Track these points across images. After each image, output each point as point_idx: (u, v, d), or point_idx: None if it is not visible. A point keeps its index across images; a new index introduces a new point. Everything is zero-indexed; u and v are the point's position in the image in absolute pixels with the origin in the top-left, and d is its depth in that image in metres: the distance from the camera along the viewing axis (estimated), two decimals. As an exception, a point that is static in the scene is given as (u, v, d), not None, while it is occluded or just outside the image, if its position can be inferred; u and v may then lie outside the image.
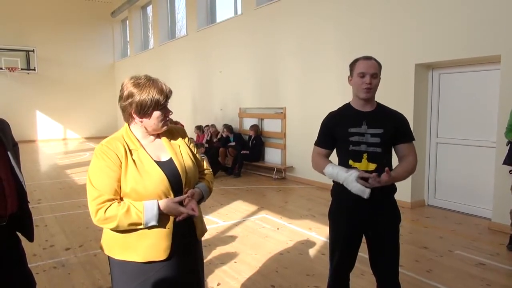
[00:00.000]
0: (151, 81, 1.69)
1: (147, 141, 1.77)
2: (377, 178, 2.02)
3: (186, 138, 1.91)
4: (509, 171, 4.07)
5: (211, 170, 2.02)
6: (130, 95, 1.68)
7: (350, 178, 2.06)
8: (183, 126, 7.62)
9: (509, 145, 4.12)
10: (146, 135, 1.77)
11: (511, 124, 4.04)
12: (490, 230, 4.69)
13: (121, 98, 1.71)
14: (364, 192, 2.03)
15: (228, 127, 9.11)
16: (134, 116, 1.70)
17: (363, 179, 2.04)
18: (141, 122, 1.72)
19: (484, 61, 4.99)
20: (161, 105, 1.69)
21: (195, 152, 1.92)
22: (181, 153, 1.81)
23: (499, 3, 4.59)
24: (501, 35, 4.59)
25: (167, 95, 1.71)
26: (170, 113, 1.77)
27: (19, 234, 2.06)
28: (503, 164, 4.18)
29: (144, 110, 1.67)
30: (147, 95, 1.66)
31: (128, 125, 1.77)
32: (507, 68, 4.58)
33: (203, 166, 1.97)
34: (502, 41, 4.59)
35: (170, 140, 1.83)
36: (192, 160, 1.83)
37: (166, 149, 1.79)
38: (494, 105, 4.84)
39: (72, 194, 6.86)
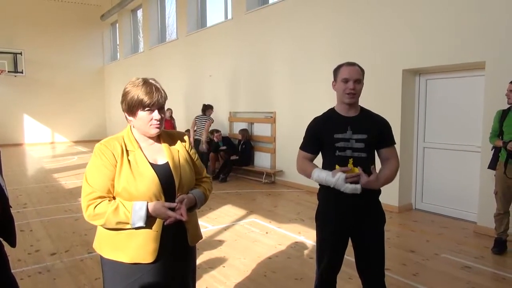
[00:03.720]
0: (143, 82, 1.73)
1: (146, 144, 1.80)
2: (364, 176, 2.08)
3: (187, 144, 1.92)
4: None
5: (210, 177, 2.03)
6: (125, 94, 1.74)
7: (339, 182, 2.11)
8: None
9: (493, 150, 4.21)
10: (145, 137, 1.80)
11: (495, 129, 4.13)
12: (475, 234, 4.76)
13: (121, 97, 1.78)
14: (356, 189, 2.10)
15: (217, 131, 9.09)
16: (125, 114, 1.76)
17: (350, 177, 2.11)
18: (131, 121, 1.76)
19: (469, 67, 5.08)
20: (145, 106, 1.69)
21: (195, 159, 1.93)
22: (179, 157, 1.83)
23: (484, 12, 4.69)
24: (485, 43, 4.69)
25: (153, 97, 1.69)
26: (159, 117, 1.72)
27: (1, 239, 2.02)
28: (488, 168, 4.26)
29: (130, 109, 1.72)
30: (134, 94, 1.70)
31: (130, 126, 1.81)
32: (491, 75, 4.68)
33: (202, 173, 1.97)
34: (486, 49, 4.69)
35: (169, 145, 1.85)
36: (190, 166, 1.85)
37: (164, 152, 1.81)
38: (479, 110, 4.94)
39: (59, 198, 6.76)
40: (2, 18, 15.88)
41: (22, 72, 16.26)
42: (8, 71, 15.84)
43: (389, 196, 5.55)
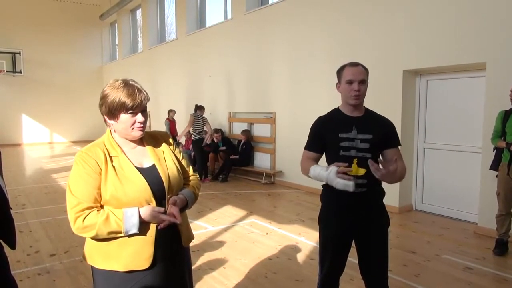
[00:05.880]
0: (124, 84, 1.65)
1: (128, 148, 1.73)
2: (380, 169, 1.99)
3: (171, 144, 1.88)
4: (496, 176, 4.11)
5: (197, 175, 1.99)
6: (104, 96, 1.66)
7: (331, 176, 2.05)
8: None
9: (495, 151, 4.20)
10: (127, 141, 1.73)
11: (497, 130, 4.12)
12: (476, 235, 4.75)
13: (99, 100, 1.70)
14: (348, 185, 2.02)
15: (219, 131, 9.08)
16: (106, 118, 1.69)
17: (342, 172, 2.03)
18: (112, 125, 1.70)
19: (470, 68, 5.08)
20: (127, 108, 1.63)
21: (180, 158, 1.88)
22: (165, 159, 1.78)
23: (485, 13, 4.68)
24: (486, 44, 4.68)
25: (135, 100, 1.63)
26: (143, 119, 1.67)
27: (1, 241, 1.99)
28: (489, 169, 4.25)
29: (111, 112, 1.65)
30: (115, 96, 1.63)
31: (110, 131, 1.74)
32: (492, 76, 4.67)
33: (189, 172, 1.93)
34: (487, 49, 4.68)
35: (153, 146, 1.79)
36: (177, 167, 1.80)
37: (149, 155, 1.75)
38: (480, 111, 4.93)
39: (57, 198, 6.73)
40: (1, 18, 15.84)
41: (20, 72, 16.24)
42: (6, 71, 15.80)
43: (389, 197, 5.49)
